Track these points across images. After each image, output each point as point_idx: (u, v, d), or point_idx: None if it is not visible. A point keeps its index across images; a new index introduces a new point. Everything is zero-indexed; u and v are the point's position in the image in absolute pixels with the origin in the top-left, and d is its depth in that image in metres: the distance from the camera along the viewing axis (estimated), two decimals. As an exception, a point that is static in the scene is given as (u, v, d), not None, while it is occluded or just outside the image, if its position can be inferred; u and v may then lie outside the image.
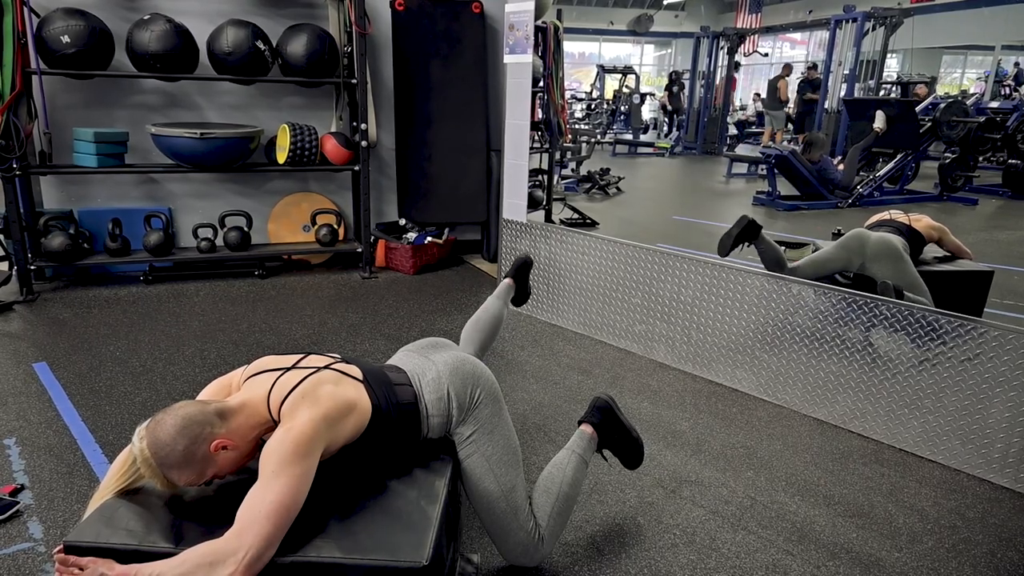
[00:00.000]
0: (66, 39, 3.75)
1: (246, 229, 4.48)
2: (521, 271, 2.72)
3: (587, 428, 2.07)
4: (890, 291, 3.08)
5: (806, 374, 2.80)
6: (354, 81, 4.42)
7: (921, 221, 3.59)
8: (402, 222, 4.98)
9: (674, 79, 14.85)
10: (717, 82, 13.22)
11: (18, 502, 2.04)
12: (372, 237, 4.75)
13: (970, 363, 2.35)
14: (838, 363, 2.71)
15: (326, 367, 1.70)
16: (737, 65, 13.31)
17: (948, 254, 3.60)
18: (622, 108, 15.31)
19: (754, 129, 14.89)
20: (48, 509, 2.03)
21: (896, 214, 3.68)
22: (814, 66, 12.78)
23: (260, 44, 4.14)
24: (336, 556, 1.41)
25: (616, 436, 2.08)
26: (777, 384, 2.89)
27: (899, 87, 12.22)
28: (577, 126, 11.67)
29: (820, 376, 2.77)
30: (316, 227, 4.68)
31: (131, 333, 3.46)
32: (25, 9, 3.68)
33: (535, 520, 1.82)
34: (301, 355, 1.75)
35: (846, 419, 2.69)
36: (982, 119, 8.07)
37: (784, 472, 2.37)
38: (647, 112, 16.41)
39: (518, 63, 3.73)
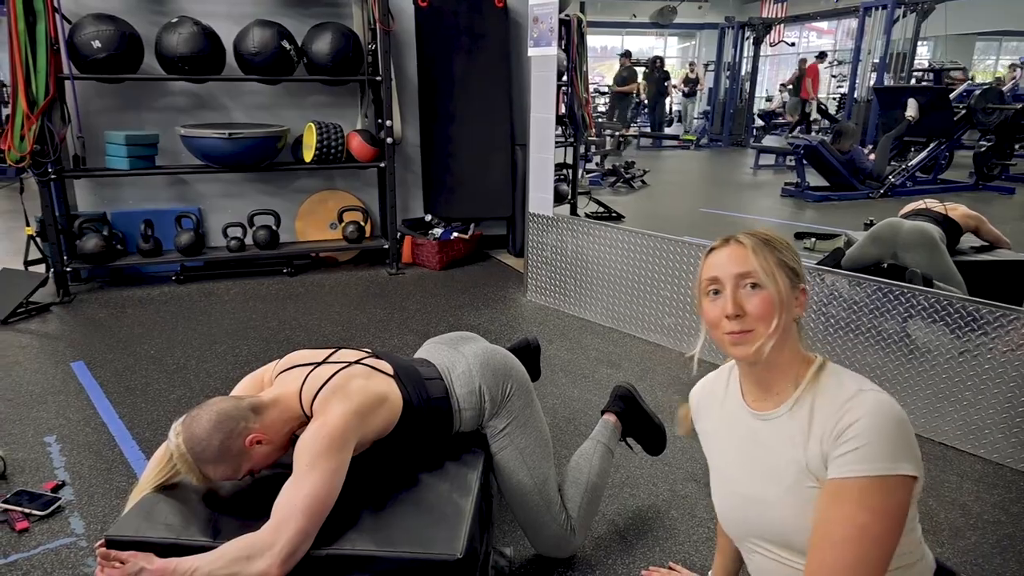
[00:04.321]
0: (97, 44, 3.82)
1: (274, 228, 4.52)
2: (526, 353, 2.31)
3: (610, 417, 2.06)
4: (918, 280, 3.01)
5: (841, 366, 2.75)
6: (379, 78, 4.44)
7: (957, 210, 3.50)
8: (428, 218, 4.99)
9: (658, 65, 13.77)
10: (743, 73, 13.06)
11: (60, 498, 2.08)
12: (398, 233, 4.77)
13: (1012, 354, 2.29)
14: (874, 355, 2.66)
15: (357, 362, 1.70)
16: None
17: (986, 243, 3.50)
18: (645, 101, 15.17)
19: (781, 120, 14.68)
20: (88, 505, 2.07)
21: (931, 203, 3.60)
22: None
23: (285, 44, 4.17)
24: (370, 549, 1.41)
25: (639, 423, 2.07)
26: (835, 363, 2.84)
27: (932, 74, 11.95)
28: (601, 120, 11.60)
29: (855, 368, 2.71)
30: (343, 224, 4.71)
31: (165, 332, 3.52)
32: (57, 16, 3.75)
33: (567, 512, 1.82)
34: (332, 349, 1.75)
35: (883, 412, 2.64)
36: (1019, 106, 7.86)
37: (820, 466, 2.33)
38: (674, 104, 16.24)
39: (542, 56, 3.71)
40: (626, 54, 12.30)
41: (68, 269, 4.05)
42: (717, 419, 1.30)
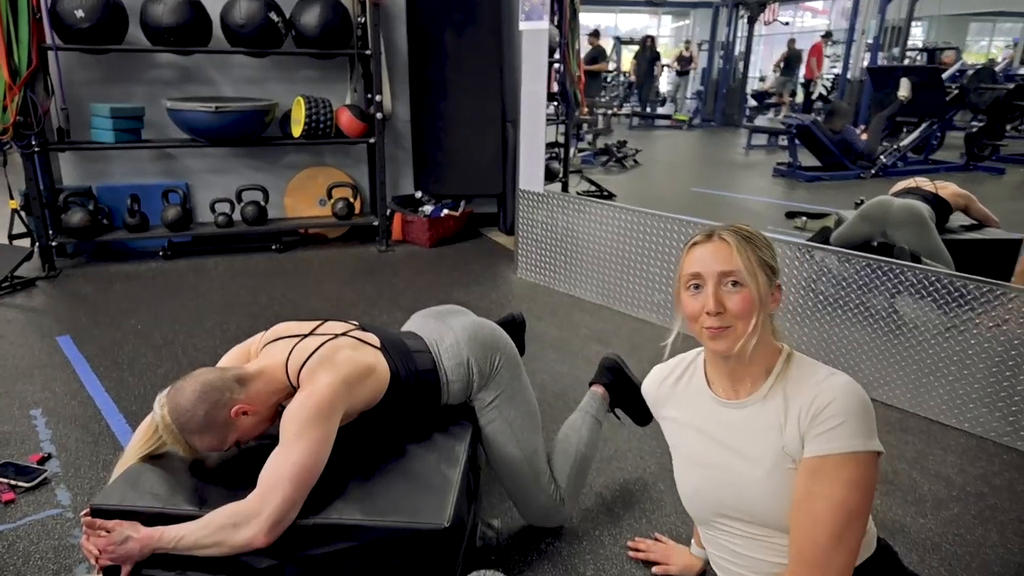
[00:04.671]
0: (80, 13, 3.75)
1: (263, 203, 4.48)
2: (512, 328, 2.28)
3: (598, 388, 2.06)
4: (906, 256, 3.02)
5: (829, 342, 2.77)
6: (368, 52, 4.38)
7: (947, 188, 3.51)
8: (418, 195, 4.96)
9: (648, 44, 13.41)
10: (736, 53, 12.99)
11: (45, 470, 2.07)
12: (388, 210, 4.74)
13: (998, 329, 2.30)
14: (862, 331, 2.67)
15: (344, 334, 1.70)
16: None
17: (975, 222, 3.52)
18: (632, 79, 15.05)
19: (774, 101, 14.63)
20: (75, 477, 2.06)
21: (922, 181, 3.60)
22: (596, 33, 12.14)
23: (273, 15, 4.11)
24: (357, 518, 1.41)
25: (627, 394, 2.08)
26: (799, 352, 2.85)
27: (925, 54, 11.92)
28: (594, 99, 11.52)
29: (843, 344, 2.73)
30: (332, 201, 4.67)
31: (152, 307, 3.49)
32: (39, -17, 3.67)
33: (555, 482, 1.82)
34: (319, 322, 1.74)
35: (870, 387, 2.66)
36: (1011, 86, 7.86)
37: (806, 440, 2.34)
38: (664, 84, 16.15)
39: (534, 30, 3.67)
40: (594, 33, 12.13)
41: (53, 244, 4.00)
42: (681, 406, 1.35)
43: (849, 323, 2.70)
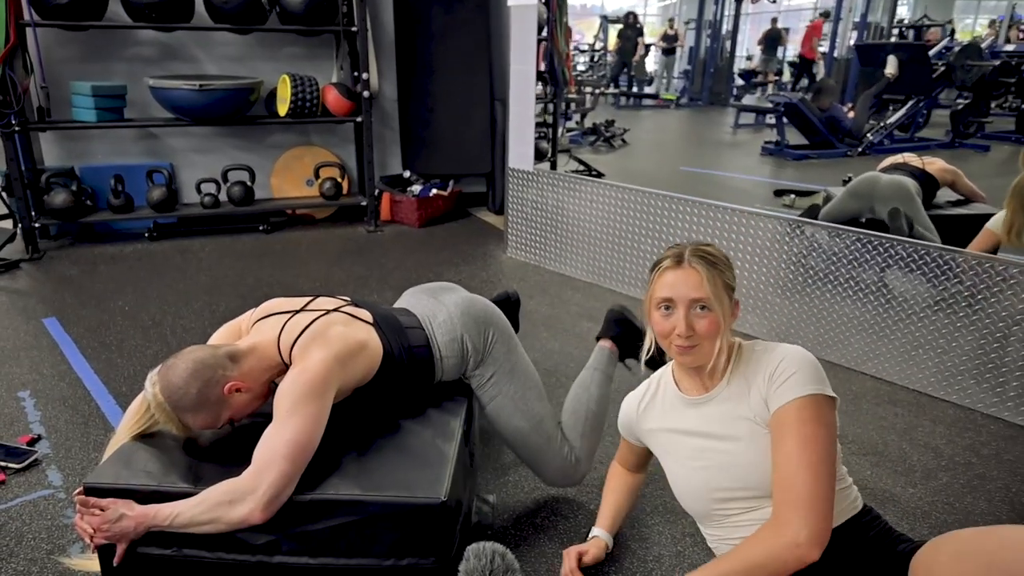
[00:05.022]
0: (58, -11, 3.66)
1: (249, 184, 4.43)
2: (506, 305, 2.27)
3: (605, 343, 2.06)
4: (900, 218, 3.03)
5: (819, 317, 2.78)
6: (354, 29, 4.32)
7: (934, 164, 3.52)
8: (406, 174, 4.92)
9: (631, 21, 12.99)
10: (723, 31, 12.93)
11: (36, 451, 2.05)
12: (376, 190, 4.70)
13: (986, 301, 2.33)
14: (852, 305, 2.68)
15: (336, 309, 1.68)
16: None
17: (962, 198, 3.53)
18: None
19: (758, 79, 14.59)
20: (66, 458, 2.04)
21: (909, 157, 3.61)
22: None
23: (257, -9, 4.03)
24: (354, 493, 1.41)
25: (637, 343, 2.07)
26: (790, 328, 2.88)
27: (912, 31, 11.92)
28: (580, 78, 11.45)
29: (834, 319, 2.74)
30: (319, 181, 4.63)
31: (138, 288, 3.45)
32: (15, -42, 3.58)
33: (568, 443, 1.83)
34: (310, 298, 1.73)
35: (859, 361, 2.68)
36: (997, 63, 7.88)
37: (797, 413, 2.36)
38: (651, 63, 16.07)
39: (523, 6, 3.63)
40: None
41: (36, 225, 3.94)
42: (659, 417, 1.48)
43: (839, 297, 2.72)
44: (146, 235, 4.30)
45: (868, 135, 7.77)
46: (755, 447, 1.28)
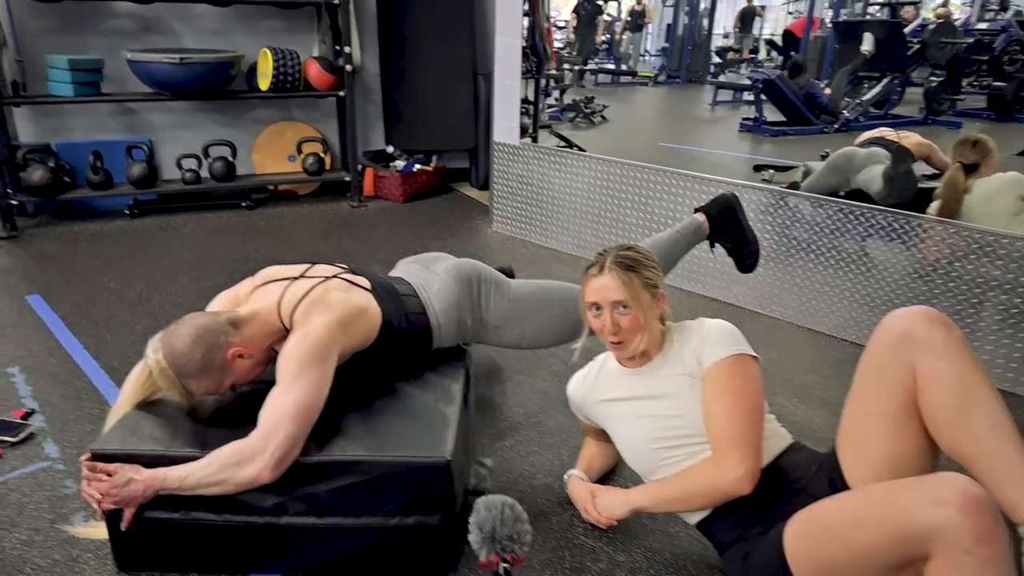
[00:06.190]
0: (31, -42, 3.57)
1: (231, 159, 4.38)
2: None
3: (700, 216, 2.10)
4: (904, 153, 3.10)
5: (802, 287, 2.85)
6: (336, 2, 4.27)
7: (910, 138, 3.60)
8: (390, 149, 4.90)
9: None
10: (701, 8, 12.93)
11: (30, 425, 2.05)
12: (360, 165, 4.68)
13: (963, 268, 2.40)
14: (834, 274, 2.75)
15: (334, 276, 1.70)
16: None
17: (937, 171, 3.62)
18: (603, 37, 14.93)
19: (730, 57, 14.61)
20: (61, 431, 2.05)
21: (886, 131, 3.69)
22: None
23: (236, -37, 3.96)
24: (361, 454, 1.44)
25: (731, 234, 2.09)
26: (773, 298, 2.94)
27: (888, 8, 12.02)
28: (560, 54, 11.37)
29: (816, 288, 2.81)
30: (302, 156, 4.59)
31: (123, 265, 3.42)
32: (-15, -74, 3.48)
33: None
34: (308, 265, 1.75)
35: (840, 328, 2.76)
36: (971, 40, 8.00)
37: (781, 378, 2.43)
38: (625, 44, 16.01)
39: (507, -21, 3.61)
40: None
41: (14, 203, 3.87)
42: (605, 389, 1.63)
43: (821, 267, 2.79)
44: (127, 212, 4.25)
45: (844, 112, 7.87)
46: (692, 398, 1.46)
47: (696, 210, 2.11)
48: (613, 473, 1.88)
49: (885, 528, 1.10)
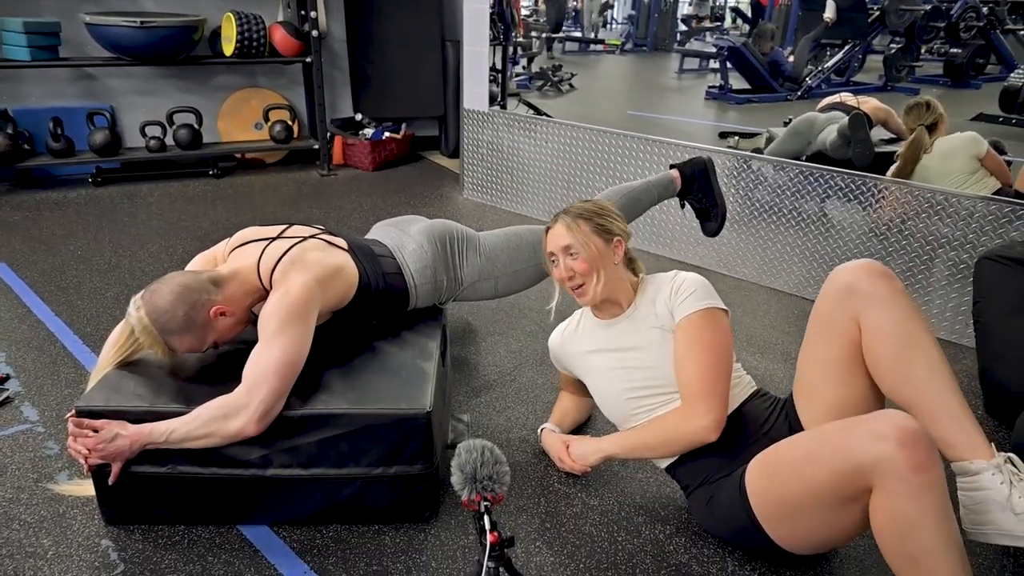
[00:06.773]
0: (-19, -84, 3.44)
1: (197, 127, 4.31)
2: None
3: (674, 172, 2.18)
4: (861, 117, 3.20)
5: (764, 248, 2.95)
6: (300, -35, 4.20)
7: (869, 103, 3.71)
8: (358, 117, 4.86)
9: None
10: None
11: (7, 389, 2.05)
12: (328, 133, 4.65)
13: (915, 227, 2.52)
14: (794, 235, 2.85)
15: (312, 236, 1.73)
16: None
17: (894, 136, 3.74)
18: (571, 5, 14.80)
19: (706, 24, 14.63)
20: (39, 395, 2.05)
21: (846, 97, 3.79)
22: None
23: (197, -77, 3.87)
24: (343, 408, 1.49)
25: (701, 195, 2.17)
26: (737, 259, 3.04)
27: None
28: (527, 21, 11.28)
29: (777, 248, 2.91)
30: (269, 124, 4.54)
31: (89, 233, 3.38)
32: None
33: None
34: (285, 225, 1.77)
35: (801, 287, 2.87)
36: (928, 7, 8.14)
37: (745, 335, 2.54)
38: (593, 14, 15.89)
39: (475, -58, 3.59)
40: None
41: (-29, 171, 3.78)
42: (583, 341, 1.70)
43: (784, 228, 2.88)
44: (90, 180, 4.17)
45: (807, 79, 7.98)
46: (663, 350, 1.54)
47: (672, 166, 2.19)
48: (585, 426, 1.96)
49: (833, 463, 1.19)
